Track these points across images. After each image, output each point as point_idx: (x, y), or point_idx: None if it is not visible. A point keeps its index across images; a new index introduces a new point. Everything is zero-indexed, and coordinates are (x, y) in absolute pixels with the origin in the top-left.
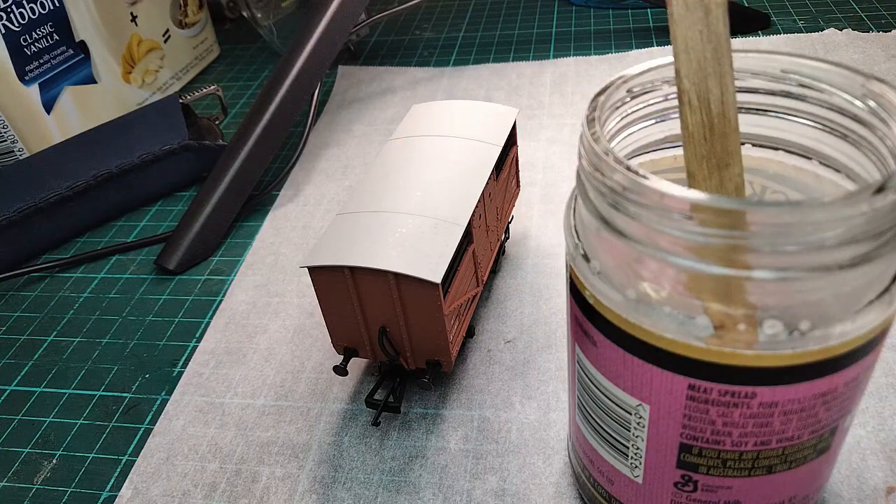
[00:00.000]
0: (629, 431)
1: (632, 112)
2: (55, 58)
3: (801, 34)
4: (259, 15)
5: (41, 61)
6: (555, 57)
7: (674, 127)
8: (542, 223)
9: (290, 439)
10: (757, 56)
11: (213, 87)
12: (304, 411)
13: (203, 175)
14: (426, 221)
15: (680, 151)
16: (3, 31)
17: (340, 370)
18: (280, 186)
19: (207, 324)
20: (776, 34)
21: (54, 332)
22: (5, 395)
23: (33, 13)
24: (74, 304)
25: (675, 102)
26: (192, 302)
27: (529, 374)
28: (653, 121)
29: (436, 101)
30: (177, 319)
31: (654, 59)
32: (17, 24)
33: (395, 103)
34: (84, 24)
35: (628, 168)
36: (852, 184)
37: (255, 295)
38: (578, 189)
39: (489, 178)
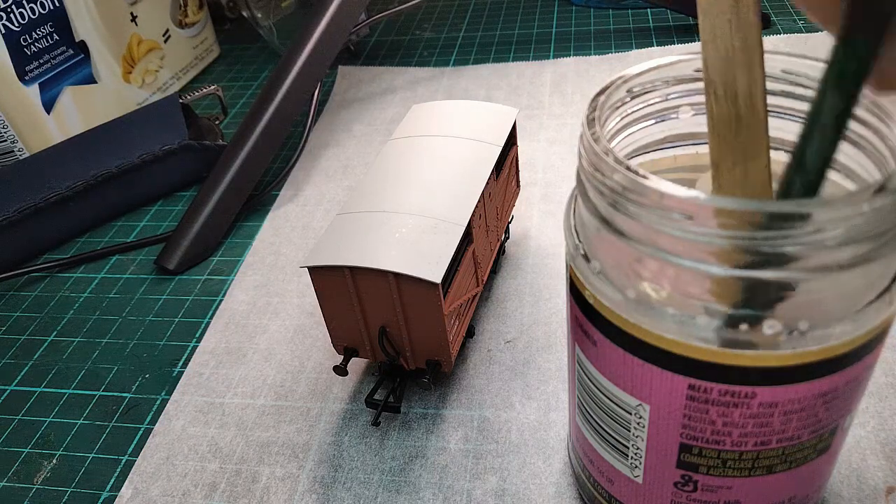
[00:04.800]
0: (629, 431)
1: (632, 112)
2: (55, 58)
3: (801, 34)
4: (259, 15)
5: (41, 61)
6: (555, 57)
7: (674, 127)
8: (542, 223)
9: (290, 439)
10: None
11: (213, 87)
12: (304, 411)
13: (203, 175)
14: (426, 221)
15: (680, 151)
16: (3, 31)
17: (340, 370)
18: (280, 186)
19: (207, 324)
20: (776, 34)
21: (54, 332)
22: (5, 395)
23: (33, 13)
24: (74, 304)
25: (675, 102)
26: (192, 302)
27: (529, 374)
28: (653, 121)
29: (436, 101)
30: (177, 319)
31: (654, 59)
32: (17, 24)
33: (395, 103)
34: (84, 24)
35: (628, 168)
36: (852, 184)
37: (255, 295)
38: (578, 189)
39: (489, 178)
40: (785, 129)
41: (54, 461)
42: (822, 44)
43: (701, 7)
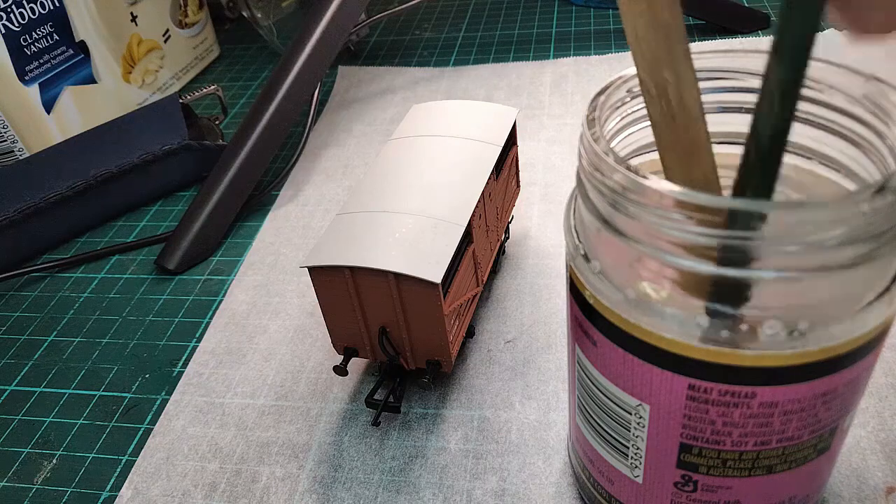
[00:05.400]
0: (629, 431)
1: (632, 112)
2: (55, 58)
3: None
4: (259, 15)
5: (41, 61)
6: (555, 57)
7: None
8: (542, 223)
9: (290, 439)
10: (757, 56)
11: (213, 87)
12: (304, 411)
13: (203, 175)
14: (426, 221)
15: None
16: (3, 31)
17: (340, 370)
18: (280, 186)
19: (207, 324)
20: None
21: (54, 332)
22: (5, 395)
23: (33, 13)
24: (74, 304)
25: None
26: (192, 302)
27: (529, 374)
28: None
29: (436, 101)
30: (177, 319)
31: None
32: (17, 24)
33: (395, 103)
34: (84, 24)
35: (628, 168)
36: (852, 184)
37: (255, 295)
38: (578, 189)
39: (489, 178)
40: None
41: (54, 461)
42: (822, 44)
43: (620, 9)
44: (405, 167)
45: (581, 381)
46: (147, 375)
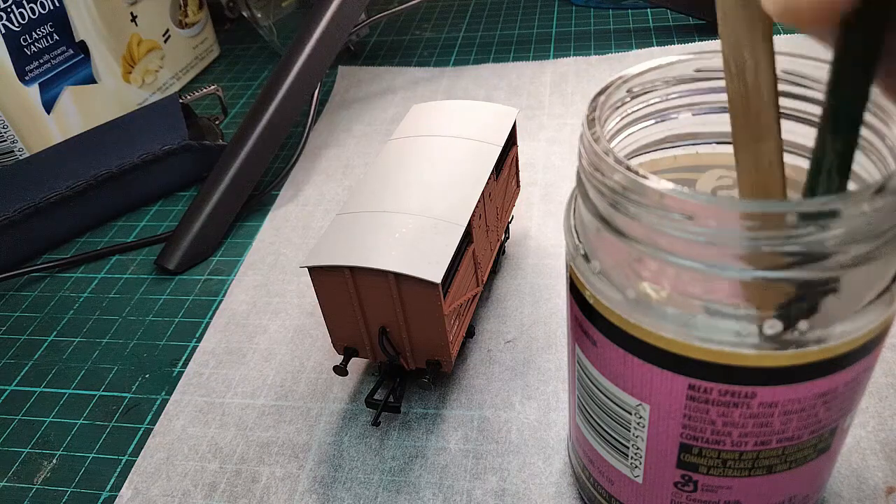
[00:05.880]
0: (629, 431)
1: (632, 112)
2: (55, 58)
3: (802, 34)
4: (259, 15)
5: (41, 61)
6: (555, 57)
7: (674, 127)
8: (542, 223)
9: (290, 439)
10: None
11: (213, 87)
12: (304, 411)
13: (203, 175)
14: (426, 221)
15: (680, 151)
16: (3, 31)
17: (340, 370)
18: (280, 186)
19: (207, 324)
20: (776, 34)
21: (54, 332)
22: (5, 395)
23: (33, 13)
24: (74, 304)
25: (675, 102)
26: (192, 302)
27: (529, 374)
28: (653, 121)
29: (436, 101)
30: (177, 319)
31: (654, 59)
32: (17, 24)
33: (395, 103)
34: (84, 24)
35: (628, 168)
36: (852, 184)
37: (255, 295)
38: (578, 189)
39: (489, 178)
40: (785, 130)
41: (54, 461)
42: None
43: None
44: (405, 167)
45: (581, 381)
46: (147, 375)
